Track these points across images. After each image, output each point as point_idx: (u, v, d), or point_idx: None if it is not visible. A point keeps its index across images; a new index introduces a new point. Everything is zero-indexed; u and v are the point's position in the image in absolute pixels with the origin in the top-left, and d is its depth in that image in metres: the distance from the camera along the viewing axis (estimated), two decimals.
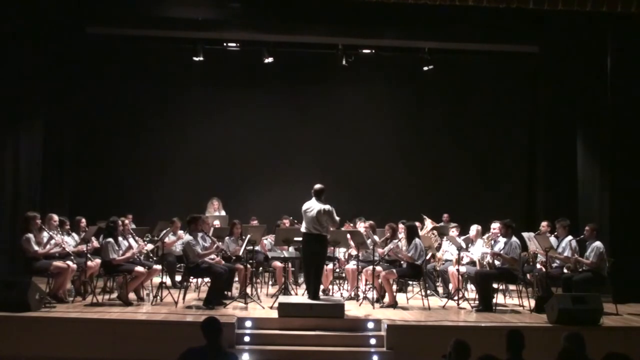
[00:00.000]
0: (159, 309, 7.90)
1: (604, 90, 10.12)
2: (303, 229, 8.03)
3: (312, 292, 7.86)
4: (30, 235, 8.00)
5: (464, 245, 9.12)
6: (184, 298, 8.40)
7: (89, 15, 10.91)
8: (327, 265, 9.18)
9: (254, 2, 10.80)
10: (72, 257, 8.19)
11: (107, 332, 7.01)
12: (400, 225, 9.34)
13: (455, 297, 8.82)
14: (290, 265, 9.55)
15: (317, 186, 8.08)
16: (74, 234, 8.94)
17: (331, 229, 8.11)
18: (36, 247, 7.98)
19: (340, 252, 9.77)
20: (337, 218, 8.00)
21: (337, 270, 9.94)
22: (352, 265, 9.18)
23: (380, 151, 12.92)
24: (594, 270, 8.31)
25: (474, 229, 9.39)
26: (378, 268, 8.63)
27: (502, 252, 8.32)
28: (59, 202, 10.74)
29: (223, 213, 11.23)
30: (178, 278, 9.86)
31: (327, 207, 7.91)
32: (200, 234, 8.52)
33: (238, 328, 7.23)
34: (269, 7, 10.80)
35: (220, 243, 8.82)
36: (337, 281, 10.08)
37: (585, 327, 6.64)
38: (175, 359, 4.45)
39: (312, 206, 7.92)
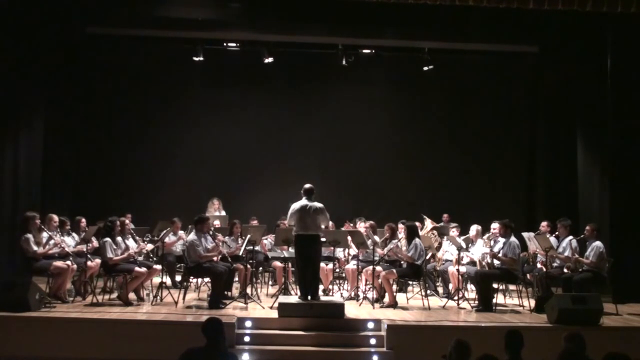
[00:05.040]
0: (159, 309, 7.90)
1: (604, 90, 10.12)
2: (296, 230, 7.97)
3: (311, 293, 7.84)
4: (30, 236, 8.00)
5: (464, 245, 9.12)
6: (184, 298, 8.40)
7: (89, 15, 10.90)
8: (327, 265, 9.20)
9: (254, 2, 10.79)
10: (71, 258, 8.19)
11: (107, 332, 7.00)
12: (400, 225, 9.34)
13: (455, 297, 8.82)
14: (290, 265, 9.55)
15: (308, 185, 8.11)
16: (74, 234, 8.94)
17: (323, 226, 8.10)
18: (35, 248, 7.98)
19: (340, 252, 9.77)
20: (327, 216, 8.10)
21: (337, 270, 9.94)
22: (352, 265, 9.18)
23: (380, 151, 12.92)
24: (594, 270, 8.31)
25: (474, 229, 9.40)
26: (378, 268, 8.62)
27: (501, 252, 8.33)
28: (59, 202, 10.74)
29: (223, 213, 11.24)
30: (178, 278, 9.87)
31: (321, 205, 7.94)
32: (203, 235, 8.51)
33: (238, 328, 7.22)
34: (269, 7, 10.79)
35: (221, 245, 8.81)
36: (337, 281, 10.08)
37: (585, 327, 6.64)
38: (175, 359, 4.44)
39: (307, 205, 7.90)
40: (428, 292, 9.04)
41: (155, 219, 10.46)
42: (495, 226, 8.65)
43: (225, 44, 12.26)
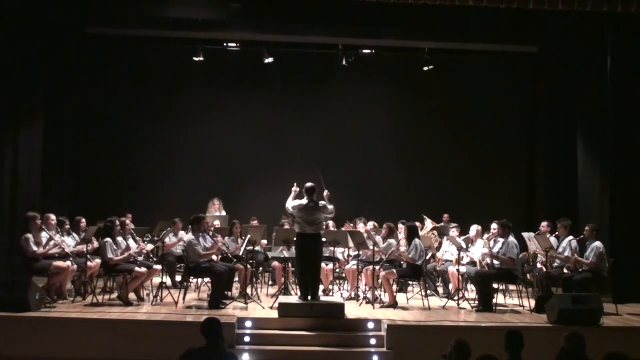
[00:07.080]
0: (159, 309, 7.91)
1: (604, 90, 10.11)
2: (297, 229, 8.00)
3: (311, 293, 7.84)
4: (29, 236, 7.99)
5: (464, 245, 9.12)
6: (184, 298, 8.40)
7: (89, 15, 10.90)
8: (327, 265, 9.20)
9: (254, 2, 10.80)
10: (71, 258, 8.19)
11: (107, 332, 7.01)
12: (400, 225, 9.33)
13: (455, 297, 8.82)
14: (290, 265, 9.55)
15: (309, 184, 8.10)
16: (74, 234, 8.94)
17: (330, 216, 8.09)
18: (35, 248, 7.97)
19: (339, 252, 9.77)
20: (331, 206, 8.04)
21: (337, 270, 9.94)
22: (352, 265, 9.18)
23: (380, 151, 12.92)
24: (594, 270, 8.31)
25: (474, 229, 9.39)
26: (378, 268, 8.62)
27: (500, 251, 8.33)
28: (59, 202, 10.73)
29: (223, 213, 11.24)
30: (178, 278, 9.86)
31: (321, 202, 7.96)
32: (201, 234, 8.52)
33: (238, 328, 7.23)
34: (269, 7, 10.80)
35: (221, 244, 8.81)
36: (337, 281, 10.08)
37: (585, 327, 6.64)
38: (175, 359, 4.44)
39: (306, 204, 7.91)
40: (428, 292, 9.03)
41: (156, 219, 10.45)
42: (495, 226, 8.65)
43: (225, 44, 12.26)
